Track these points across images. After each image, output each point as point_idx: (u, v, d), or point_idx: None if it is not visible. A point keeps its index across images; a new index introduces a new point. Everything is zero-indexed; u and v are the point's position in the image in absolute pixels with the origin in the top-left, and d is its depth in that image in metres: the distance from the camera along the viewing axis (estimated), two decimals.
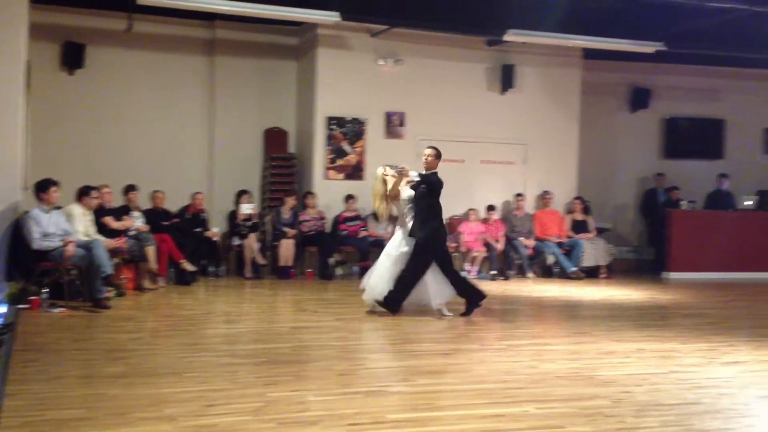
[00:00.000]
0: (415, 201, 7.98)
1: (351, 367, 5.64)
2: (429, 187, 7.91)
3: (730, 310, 9.46)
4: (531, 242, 12.30)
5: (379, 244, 11.51)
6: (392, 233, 11.47)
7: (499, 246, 12.00)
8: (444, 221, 8.27)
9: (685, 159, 14.14)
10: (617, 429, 4.31)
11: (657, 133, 14.25)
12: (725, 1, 10.04)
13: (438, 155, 8.10)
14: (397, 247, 8.06)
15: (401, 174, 7.97)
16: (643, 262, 13.65)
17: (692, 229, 12.68)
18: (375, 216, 11.79)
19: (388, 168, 8.25)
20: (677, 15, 10.90)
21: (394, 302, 7.87)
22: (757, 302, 10.21)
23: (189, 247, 10.39)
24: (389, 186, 8.12)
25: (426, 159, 8.06)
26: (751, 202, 13.24)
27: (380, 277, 8.02)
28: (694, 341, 6.97)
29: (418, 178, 7.95)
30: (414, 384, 5.16)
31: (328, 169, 12.05)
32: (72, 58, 11.24)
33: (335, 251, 11.41)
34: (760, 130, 14.61)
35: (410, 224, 7.99)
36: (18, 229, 8.23)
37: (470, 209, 12.08)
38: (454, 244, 11.21)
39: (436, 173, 8.05)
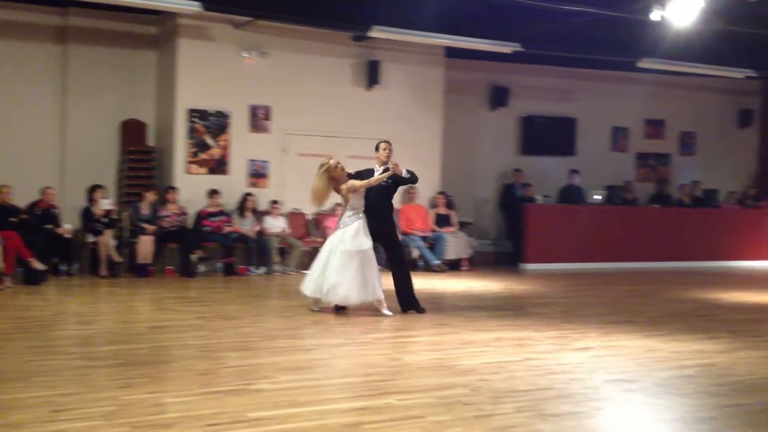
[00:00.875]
0: (386, 194, 8.10)
1: (211, 367, 5.50)
2: (407, 182, 8.25)
3: (580, 299, 9.96)
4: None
5: (243, 240, 11.37)
6: (274, 229, 11.46)
7: None
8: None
9: (540, 155, 14.76)
10: (475, 416, 4.44)
11: (515, 131, 14.80)
12: (578, 5, 10.56)
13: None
14: (358, 243, 7.73)
15: (394, 170, 7.84)
16: (502, 254, 14.15)
17: (546, 222, 13.29)
18: (240, 211, 11.64)
19: (332, 161, 7.89)
20: (534, 17, 11.35)
21: (415, 304, 8.09)
22: (605, 291, 10.80)
23: (38, 245, 9.88)
24: (355, 182, 7.86)
25: (387, 153, 8.08)
26: (600, 197, 14.02)
27: (348, 277, 7.66)
28: (547, 329, 7.30)
29: (408, 175, 8.03)
30: (276, 381, 5.10)
31: (190, 163, 11.73)
32: None
33: (197, 248, 11.11)
34: (609, 128, 15.49)
35: (361, 219, 7.84)
36: None
37: (337, 204, 12.06)
38: (320, 240, 11.18)
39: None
